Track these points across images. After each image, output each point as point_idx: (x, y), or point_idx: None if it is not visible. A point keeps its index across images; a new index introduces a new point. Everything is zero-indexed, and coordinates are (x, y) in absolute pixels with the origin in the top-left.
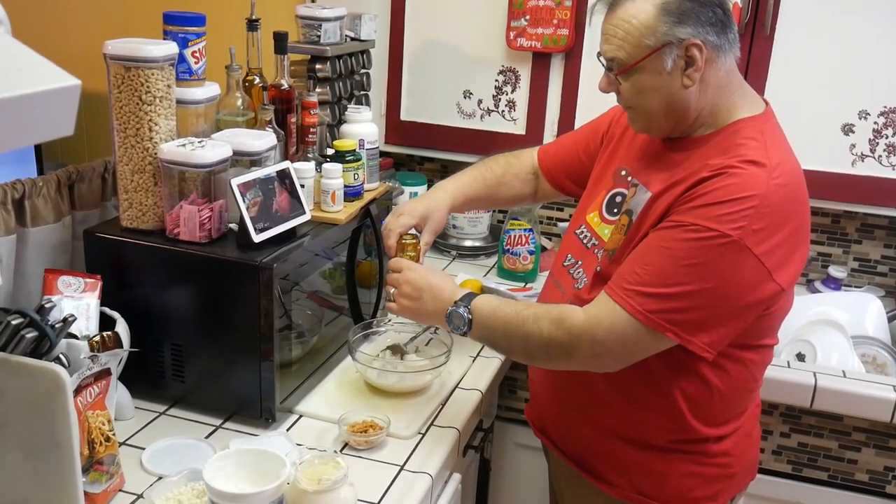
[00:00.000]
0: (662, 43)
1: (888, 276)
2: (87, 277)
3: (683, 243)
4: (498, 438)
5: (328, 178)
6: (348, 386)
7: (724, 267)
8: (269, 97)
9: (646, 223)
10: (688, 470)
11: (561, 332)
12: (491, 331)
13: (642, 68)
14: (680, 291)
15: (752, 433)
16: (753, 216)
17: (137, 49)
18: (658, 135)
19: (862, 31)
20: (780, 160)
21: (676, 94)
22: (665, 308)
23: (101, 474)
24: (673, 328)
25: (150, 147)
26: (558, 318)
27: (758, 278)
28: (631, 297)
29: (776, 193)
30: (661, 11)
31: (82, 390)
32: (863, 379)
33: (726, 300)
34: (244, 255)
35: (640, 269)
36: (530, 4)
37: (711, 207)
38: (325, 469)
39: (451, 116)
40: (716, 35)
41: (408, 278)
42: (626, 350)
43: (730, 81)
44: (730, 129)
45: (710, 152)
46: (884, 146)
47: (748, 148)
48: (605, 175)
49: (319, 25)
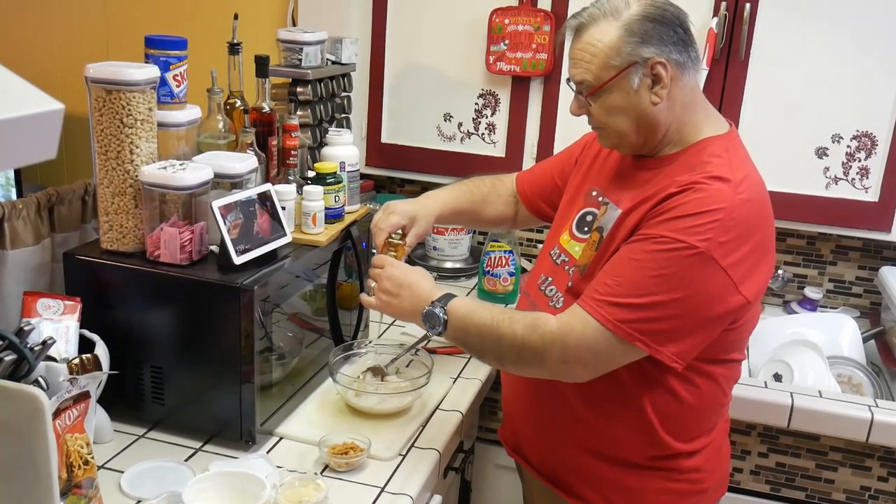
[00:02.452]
0: (628, 63)
1: (863, 296)
2: (67, 300)
3: (652, 255)
4: (478, 460)
5: (309, 200)
6: (329, 408)
7: (691, 278)
8: (250, 120)
9: (617, 238)
10: (661, 486)
11: (534, 336)
12: (465, 332)
13: (610, 89)
14: (649, 302)
15: (723, 448)
16: (719, 229)
17: (119, 72)
18: (627, 151)
19: (834, 56)
20: (745, 176)
21: (645, 112)
22: (635, 318)
23: (79, 498)
24: (642, 338)
25: (131, 169)
26: (532, 324)
27: (724, 290)
28: (602, 307)
29: (741, 207)
30: (625, 32)
31: (61, 413)
32: (839, 399)
33: (695, 311)
34: (225, 277)
35: (611, 280)
36: (509, 29)
37: (679, 220)
38: (305, 491)
39: (432, 139)
40: (678, 53)
41: (389, 274)
42: (595, 359)
43: (694, 100)
44: (696, 147)
45: (677, 170)
46: (857, 169)
47: (713, 165)
48: (577, 197)
49: (300, 49)
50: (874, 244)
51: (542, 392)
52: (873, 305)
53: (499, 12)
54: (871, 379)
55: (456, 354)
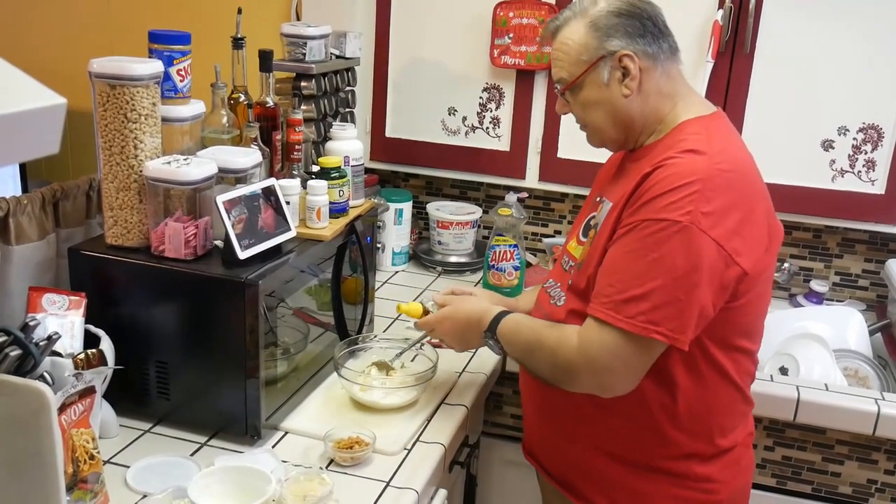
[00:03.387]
0: (597, 57)
1: (869, 289)
2: (72, 295)
3: (640, 242)
4: (484, 454)
5: (313, 194)
6: (334, 402)
7: (684, 254)
8: (254, 115)
9: (605, 230)
10: (670, 493)
11: (559, 357)
12: (513, 353)
13: (583, 84)
14: (651, 288)
15: (742, 461)
16: (699, 200)
17: (123, 67)
18: (614, 148)
19: (840, 49)
20: (722, 148)
21: (618, 105)
22: (643, 309)
23: (85, 493)
24: (657, 328)
25: (136, 165)
26: (556, 345)
27: (720, 262)
28: (610, 308)
29: (720, 177)
30: (591, 28)
31: (67, 408)
32: (845, 392)
33: (696, 288)
34: (229, 272)
35: (611, 278)
36: (514, 22)
37: (656, 200)
38: (310, 486)
39: (436, 133)
40: (647, 45)
41: (444, 333)
42: (624, 365)
43: (673, 89)
44: (675, 130)
45: (657, 155)
46: (863, 161)
47: (688, 141)
48: (586, 207)
49: (304, 43)
50: (880, 237)
51: (549, 390)
52: (880, 298)
53: (503, 6)
54: (878, 372)
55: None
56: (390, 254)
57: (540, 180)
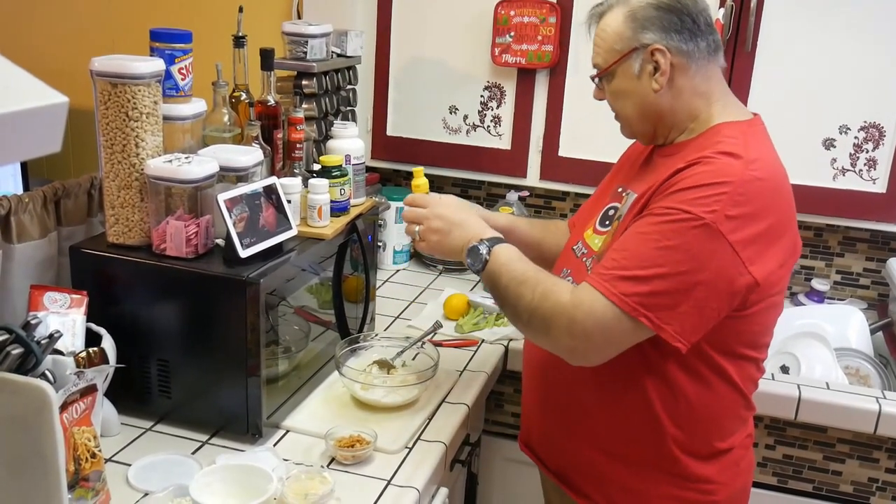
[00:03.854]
0: (630, 48)
1: (870, 288)
2: (73, 293)
3: (657, 226)
4: (485, 452)
5: (315, 193)
6: (335, 401)
7: (697, 251)
8: (255, 113)
9: (627, 220)
10: (667, 492)
11: (546, 304)
12: (498, 278)
13: (615, 73)
14: (654, 273)
15: (741, 462)
16: (727, 202)
17: (124, 66)
18: (645, 141)
19: (842, 47)
20: (759, 156)
21: (648, 99)
22: (640, 291)
23: (86, 491)
24: (647, 313)
25: (137, 163)
26: (548, 290)
27: (732, 268)
28: (608, 280)
29: (752, 184)
30: (628, 18)
31: (68, 406)
32: (846, 391)
33: (700, 287)
34: (231, 271)
35: (618, 255)
36: (515, 21)
37: (685, 192)
38: (311, 484)
39: (437, 132)
40: (683, 42)
41: (438, 213)
42: (603, 337)
43: (710, 89)
44: (710, 131)
45: (690, 154)
46: (864, 160)
47: (725, 143)
48: (604, 195)
49: (306, 42)
50: (882, 235)
51: (551, 383)
52: (881, 297)
53: (504, 4)
54: (879, 371)
55: (462, 347)
56: (391, 252)
57: (541, 179)
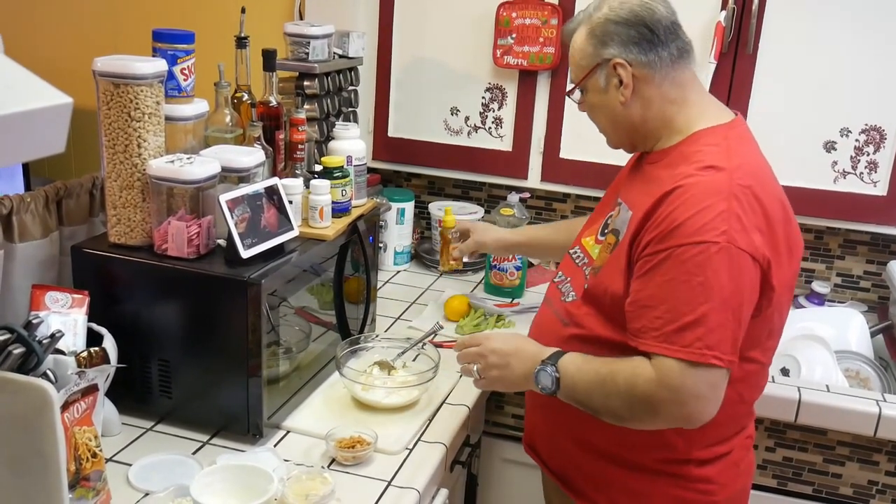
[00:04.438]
0: (594, 64)
1: (871, 291)
2: (75, 293)
3: (680, 267)
4: (485, 454)
5: (316, 194)
6: (336, 401)
7: (727, 274)
8: (257, 114)
9: (625, 242)
10: (667, 493)
11: (637, 390)
12: (575, 392)
13: (587, 87)
14: (703, 313)
15: (741, 463)
16: (730, 218)
17: (127, 66)
18: (627, 149)
19: (842, 50)
20: (742, 163)
21: (617, 111)
22: (698, 335)
23: (87, 490)
24: (712, 353)
25: (139, 163)
26: (628, 377)
27: (758, 276)
28: (660, 340)
29: (742, 193)
30: (589, 35)
31: (69, 406)
32: (846, 393)
33: (742, 307)
34: (232, 271)
35: (659, 311)
36: (517, 23)
37: (686, 224)
38: (312, 485)
39: (439, 133)
40: (642, 53)
41: (492, 348)
42: (706, 392)
43: (683, 94)
44: (691, 138)
45: (675, 161)
46: (865, 163)
47: (707, 154)
48: (608, 203)
49: (308, 43)
50: (882, 238)
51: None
52: (881, 300)
53: (506, 6)
54: (879, 373)
55: None
56: (392, 253)
57: (542, 180)
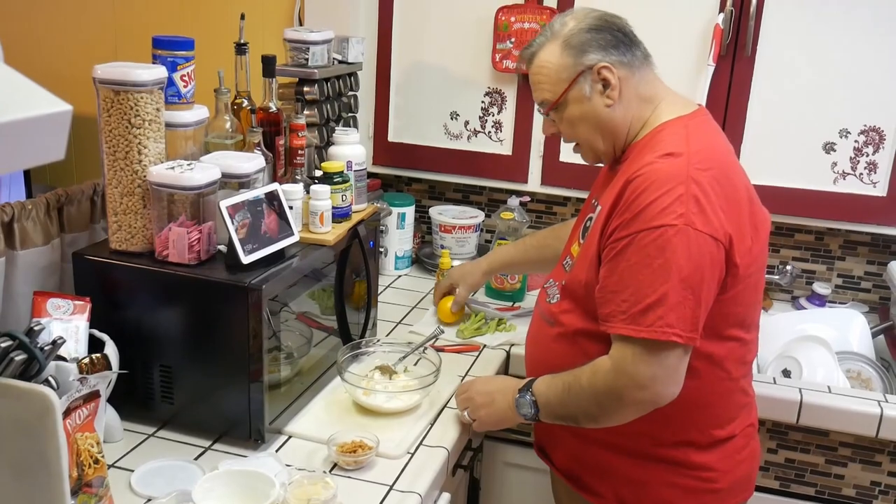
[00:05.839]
0: (577, 73)
1: (871, 291)
2: (76, 300)
3: (641, 251)
4: (487, 457)
5: (316, 199)
6: (337, 406)
7: (686, 254)
8: (257, 120)
9: (594, 233)
10: (667, 480)
11: (600, 385)
12: (552, 406)
13: (567, 101)
14: (663, 293)
15: (744, 451)
16: (687, 201)
17: (127, 73)
18: (608, 160)
19: (841, 51)
20: (700, 148)
21: (602, 116)
22: (659, 314)
23: (90, 496)
24: (672, 331)
25: (140, 170)
26: (591, 374)
27: (719, 255)
28: (629, 322)
29: (699, 176)
30: (565, 47)
31: (71, 412)
32: (848, 394)
33: (702, 284)
34: (233, 277)
35: (624, 295)
36: (515, 27)
37: (646, 210)
38: (314, 489)
39: (439, 137)
40: (622, 55)
41: (477, 390)
42: (661, 372)
43: (653, 93)
44: (655, 129)
45: (640, 153)
46: (864, 164)
47: (667, 142)
48: (586, 208)
49: (307, 48)
50: (883, 239)
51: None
52: (882, 300)
53: (505, 10)
54: (881, 374)
55: (464, 353)
56: (393, 258)
57: (542, 184)
